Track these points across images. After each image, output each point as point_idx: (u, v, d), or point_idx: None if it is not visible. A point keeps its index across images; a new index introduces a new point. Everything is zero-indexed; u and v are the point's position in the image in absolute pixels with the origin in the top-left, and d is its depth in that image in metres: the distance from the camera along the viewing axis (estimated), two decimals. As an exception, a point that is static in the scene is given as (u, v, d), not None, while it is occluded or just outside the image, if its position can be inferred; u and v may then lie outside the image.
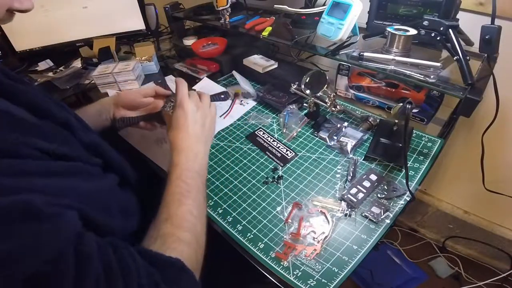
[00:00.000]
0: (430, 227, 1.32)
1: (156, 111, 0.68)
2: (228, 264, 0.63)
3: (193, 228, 0.44)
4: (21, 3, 0.40)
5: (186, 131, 0.55)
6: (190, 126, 0.55)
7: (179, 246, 0.41)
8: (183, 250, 0.40)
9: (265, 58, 1.01)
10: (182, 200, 0.46)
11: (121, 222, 0.45)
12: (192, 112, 0.56)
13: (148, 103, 0.69)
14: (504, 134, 0.90)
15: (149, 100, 0.69)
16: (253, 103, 0.91)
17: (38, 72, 1.14)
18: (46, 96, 0.47)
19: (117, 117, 0.68)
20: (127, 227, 0.47)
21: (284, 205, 0.61)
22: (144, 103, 0.69)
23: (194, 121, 0.56)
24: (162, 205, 0.45)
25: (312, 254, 0.52)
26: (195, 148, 0.54)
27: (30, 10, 0.41)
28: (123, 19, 1.20)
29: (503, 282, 1.09)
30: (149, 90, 0.69)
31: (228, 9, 0.98)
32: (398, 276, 1.21)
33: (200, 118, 0.57)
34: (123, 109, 0.69)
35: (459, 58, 0.61)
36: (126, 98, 0.68)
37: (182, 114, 0.55)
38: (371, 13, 0.78)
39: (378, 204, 0.58)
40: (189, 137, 0.54)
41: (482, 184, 0.88)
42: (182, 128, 0.55)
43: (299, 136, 0.78)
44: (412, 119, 0.83)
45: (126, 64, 1.02)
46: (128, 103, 0.68)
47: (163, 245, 0.40)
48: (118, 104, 0.69)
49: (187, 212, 0.45)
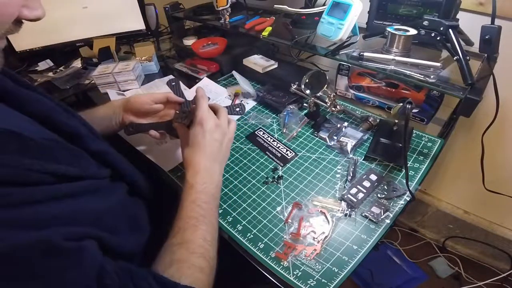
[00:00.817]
0: (430, 227, 1.32)
1: (166, 120, 0.66)
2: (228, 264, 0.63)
3: (207, 253, 0.44)
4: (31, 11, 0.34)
5: (204, 151, 0.53)
6: (208, 146, 0.53)
7: (194, 273, 0.41)
8: (198, 277, 0.41)
9: (265, 58, 1.01)
10: (197, 225, 0.45)
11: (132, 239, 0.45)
12: (211, 131, 0.54)
13: (158, 110, 0.67)
14: (504, 134, 0.90)
15: (159, 107, 0.67)
16: (253, 103, 0.91)
17: (38, 72, 1.14)
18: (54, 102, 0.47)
19: (126, 122, 0.67)
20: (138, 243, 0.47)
21: (284, 205, 0.61)
22: (154, 109, 0.66)
23: (213, 140, 0.54)
24: (176, 228, 0.45)
25: (312, 254, 0.52)
26: (211, 169, 0.52)
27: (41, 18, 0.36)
28: (123, 19, 1.20)
29: (503, 282, 1.09)
30: (161, 96, 0.67)
31: (228, 9, 0.98)
32: (398, 276, 1.21)
33: (219, 137, 0.55)
34: (132, 114, 0.67)
35: (459, 58, 0.61)
36: (136, 103, 0.66)
37: (201, 132, 0.53)
38: (371, 13, 0.78)
39: (378, 204, 0.58)
40: (206, 157, 0.52)
41: (482, 184, 0.89)
42: (200, 147, 0.53)
43: (299, 136, 0.78)
44: (412, 119, 0.83)
45: (126, 64, 1.02)
46: (137, 108, 0.66)
47: (178, 271, 0.40)
48: (127, 109, 0.67)
49: (201, 238, 0.44)
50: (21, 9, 0.33)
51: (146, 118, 0.68)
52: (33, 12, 0.34)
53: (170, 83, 0.73)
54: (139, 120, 0.67)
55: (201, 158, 0.52)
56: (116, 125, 0.67)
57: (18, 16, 0.33)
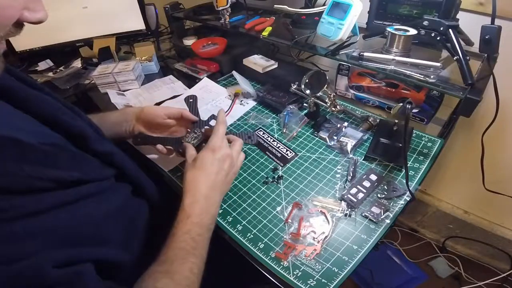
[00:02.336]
0: (430, 227, 1.32)
1: (176, 137, 0.65)
2: (228, 264, 0.63)
3: (192, 285, 0.43)
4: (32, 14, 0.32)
5: (208, 177, 0.52)
6: (213, 174, 0.52)
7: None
8: None
9: (265, 58, 1.01)
10: (186, 257, 0.44)
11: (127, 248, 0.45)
12: (221, 160, 0.53)
13: (169, 125, 0.67)
14: (504, 134, 0.90)
15: (172, 123, 0.66)
16: (253, 103, 0.91)
17: (38, 72, 1.14)
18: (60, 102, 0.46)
19: (136, 131, 0.67)
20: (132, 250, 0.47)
21: (284, 205, 0.61)
22: (166, 124, 0.66)
23: (221, 169, 0.53)
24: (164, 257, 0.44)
25: (312, 254, 0.52)
26: (211, 198, 0.51)
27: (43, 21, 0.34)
28: (123, 19, 1.20)
29: (503, 282, 1.09)
30: (175, 111, 0.66)
31: (228, 9, 0.98)
32: (398, 276, 1.21)
33: (227, 168, 0.54)
34: (143, 125, 0.67)
35: (459, 58, 0.61)
36: (150, 114, 0.65)
37: (210, 158, 0.53)
38: (371, 13, 0.78)
39: (378, 204, 0.58)
40: (209, 185, 0.51)
41: (482, 184, 0.88)
42: (206, 173, 0.52)
43: (299, 136, 0.78)
44: (412, 119, 0.83)
45: (126, 64, 1.02)
46: (150, 120, 0.66)
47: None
48: (140, 119, 0.66)
49: (189, 270, 0.43)
50: (22, 11, 0.31)
51: (156, 131, 0.68)
52: (35, 14, 0.33)
53: (187, 100, 0.71)
54: (150, 131, 0.67)
55: (204, 184, 0.51)
56: (126, 133, 0.67)
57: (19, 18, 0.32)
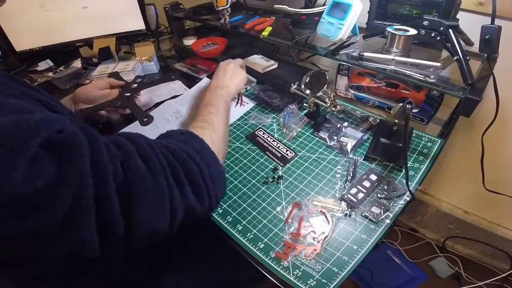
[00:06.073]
0: (430, 227, 1.32)
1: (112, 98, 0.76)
2: (227, 264, 0.63)
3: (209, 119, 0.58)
4: None
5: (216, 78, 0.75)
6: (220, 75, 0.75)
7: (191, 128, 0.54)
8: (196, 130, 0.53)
9: (265, 58, 1.01)
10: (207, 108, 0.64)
11: None
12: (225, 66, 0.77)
13: (105, 95, 0.76)
14: (504, 134, 0.90)
15: (106, 92, 0.77)
16: (253, 103, 0.91)
17: (38, 72, 1.14)
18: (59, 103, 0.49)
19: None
20: None
21: (284, 205, 0.61)
22: (101, 95, 0.76)
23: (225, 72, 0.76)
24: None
25: (312, 254, 0.52)
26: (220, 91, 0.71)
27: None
28: (123, 19, 1.20)
29: (503, 282, 1.09)
30: (103, 82, 0.78)
31: (228, 9, 0.98)
32: (398, 276, 1.21)
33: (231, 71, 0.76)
34: (83, 104, 0.74)
35: (459, 58, 0.61)
36: (83, 92, 0.74)
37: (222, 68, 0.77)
38: (371, 13, 0.78)
39: (378, 204, 0.58)
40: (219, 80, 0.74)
41: (482, 184, 0.88)
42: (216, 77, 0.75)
43: (299, 136, 0.78)
44: (412, 119, 0.83)
45: (126, 64, 1.02)
46: (85, 97, 0.74)
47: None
48: (77, 100, 0.73)
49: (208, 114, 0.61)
50: None
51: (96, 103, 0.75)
52: None
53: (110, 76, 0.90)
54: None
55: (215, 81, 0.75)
56: None
57: None
